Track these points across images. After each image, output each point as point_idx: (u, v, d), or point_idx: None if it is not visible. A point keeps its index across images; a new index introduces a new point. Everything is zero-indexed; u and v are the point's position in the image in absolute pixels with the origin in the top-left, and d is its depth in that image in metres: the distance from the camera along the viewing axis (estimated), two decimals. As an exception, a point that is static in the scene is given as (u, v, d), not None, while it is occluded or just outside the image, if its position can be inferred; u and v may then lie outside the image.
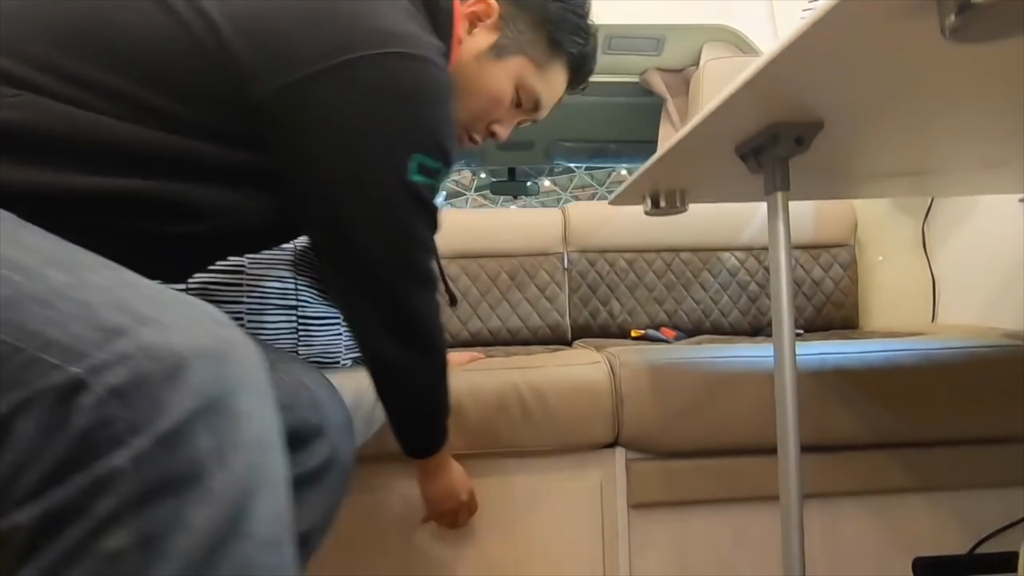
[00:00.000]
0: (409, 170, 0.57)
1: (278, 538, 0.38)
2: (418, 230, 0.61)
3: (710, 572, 0.97)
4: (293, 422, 0.51)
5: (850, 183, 0.94)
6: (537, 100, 0.75)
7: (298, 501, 0.50)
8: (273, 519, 0.37)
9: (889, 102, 0.55)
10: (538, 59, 0.73)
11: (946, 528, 1.00)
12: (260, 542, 0.36)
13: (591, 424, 0.93)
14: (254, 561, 0.36)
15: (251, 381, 0.39)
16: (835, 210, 1.54)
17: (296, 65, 0.53)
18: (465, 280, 1.46)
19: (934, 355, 0.98)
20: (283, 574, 0.38)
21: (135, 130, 0.50)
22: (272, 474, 0.39)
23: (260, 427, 0.38)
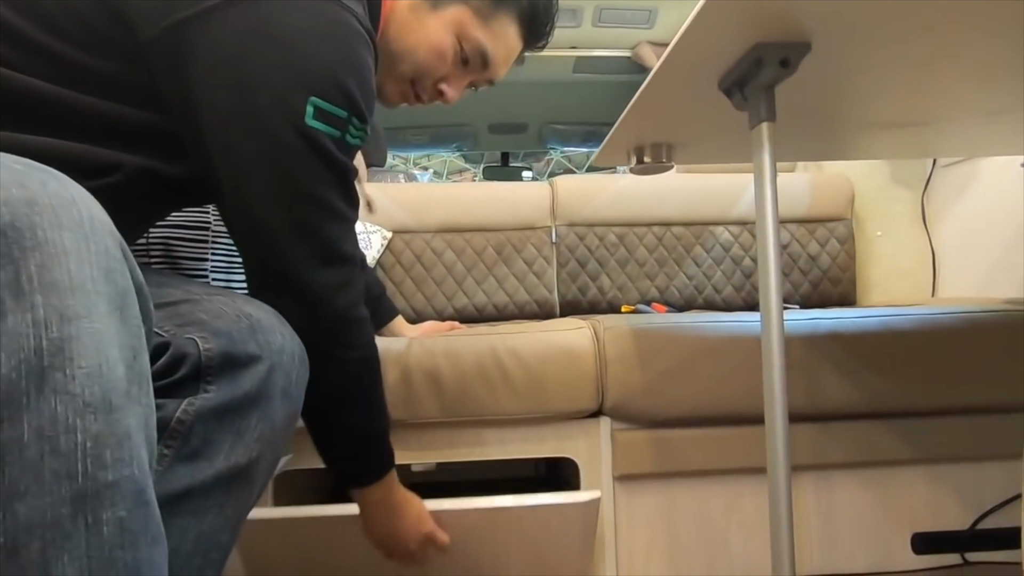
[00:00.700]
0: (305, 115, 0.52)
1: (106, 403, 0.32)
2: (318, 188, 0.55)
3: (699, 546, 0.93)
4: (227, 346, 0.47)
5: (843, 138, 0.90)
6: (484, 54, 0.69)
7: (235, 428, 0.47)
8: (98, 381, 0.32)
9: (882, 25, 0.51)
10: (480, 8, 0.67)
11: (946, 502, 0.95)
12: (79, 403, 0.31)
13: (574, 390, 0.89)
14: (68, 424, 0.31)
15: (75, 220, 0.34)
16: (832, 183, 1.50)
17: (176, 6, 0.50)
18: (450, 255, 1.42)
19: (932, 320, 0.94)
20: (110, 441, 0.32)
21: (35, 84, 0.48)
22: (98, 329, 0.33)
23: (80, 270, 0.33)
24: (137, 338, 0.36)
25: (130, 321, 0.36)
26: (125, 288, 0.36)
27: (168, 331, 0.47)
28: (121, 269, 0.36)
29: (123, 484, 0.32)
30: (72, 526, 0.30)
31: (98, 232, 0.35)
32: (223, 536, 0.47)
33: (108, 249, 0.35)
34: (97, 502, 0.31)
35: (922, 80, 0.66)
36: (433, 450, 0.91)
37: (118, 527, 0.32)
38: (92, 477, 0.31)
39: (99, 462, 0.31)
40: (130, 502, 0.32)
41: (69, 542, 0.30)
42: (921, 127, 0.84)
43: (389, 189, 1.46)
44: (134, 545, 0.32)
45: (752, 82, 0.58)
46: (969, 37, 0.55)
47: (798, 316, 0.97)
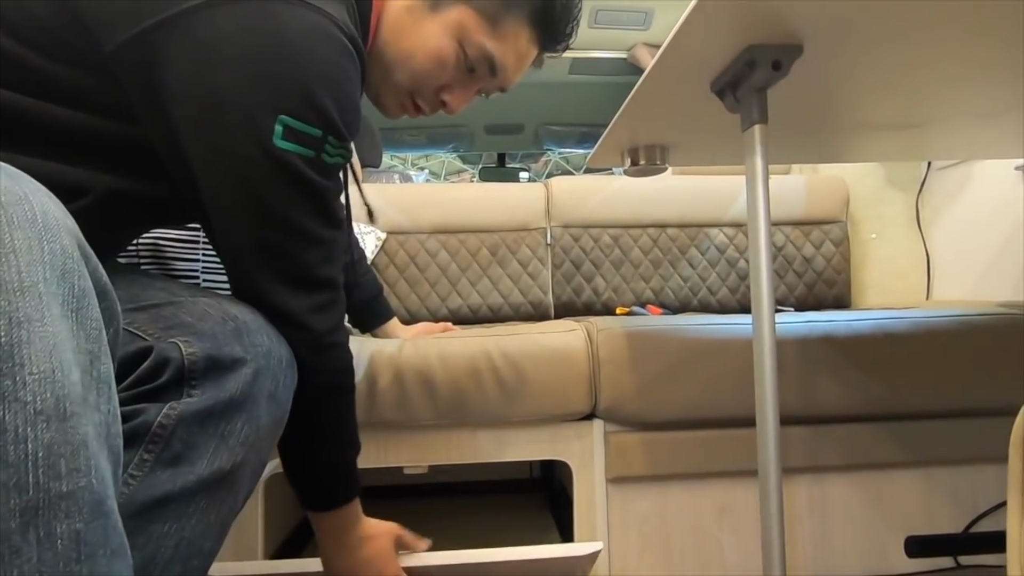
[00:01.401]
0: (273, 135, 0.48)
1: (60, 411, 0.30)
2: (289, 211, 0.51)
3: (692, 548, 0.92)
4: (212, 350, 0.46)
5: (837, 140, 0.90)
6: (491, 61, 0.62)
7: (219, 432, 0.46)
8: (50, 387, 0.30)
9: (873, 27, 0.51)
10: (486, 10, 0.60)
11: (939, 505, 0.95)
12: (29, 411, 0.29)
13: (568, 392, 0.88)
14: (17, 433, 0.29)
15: (26, 218, 0.32)
16: (827, 186, 1.50)
17: (138, 15, 0.46)
18: (445, 256, 1.42)
19: (926, 323, 0.94)
20: (64, 451, 0.30)
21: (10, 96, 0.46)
22: (51, 332, 0.31)
23: (31, 271, 0.31)
24: (96, 342, 0.34)
25: (87, 324, 0.34)
26: (83, 289, 0.34)
27: (152, 334, 0.46)
28: (79, 270, 0.34)
29: (79, 495, 0.31)
30: (22, 540, 0.29)
31: (52, 230, 0.33)
32: (205, 543, 0.46)
33: (64, 248, 0.33)
34: (50, 514, 0.30)
35: (915, 82, 0.66)
36: (426, 452, 0.90)
37: (74, 540, 0.30)
38: (44, 488, 0.29)
39: (52, 472, 0.30)
40: (87, 513, 0.31)
41: (19, 557, 0.29)
42: (915, 129, 0.84)
43: (384, 190, 1.45)
44: (91, 558, 0.31)
45: (744, 84, 0.57)
46: (961, 39, 0.55)
47: (792, 319, 0.96)
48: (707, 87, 0.63)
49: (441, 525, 1.16)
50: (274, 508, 0.97)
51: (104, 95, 0.50)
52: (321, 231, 0.54)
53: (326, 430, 0.61)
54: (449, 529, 1.15)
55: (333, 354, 0.59)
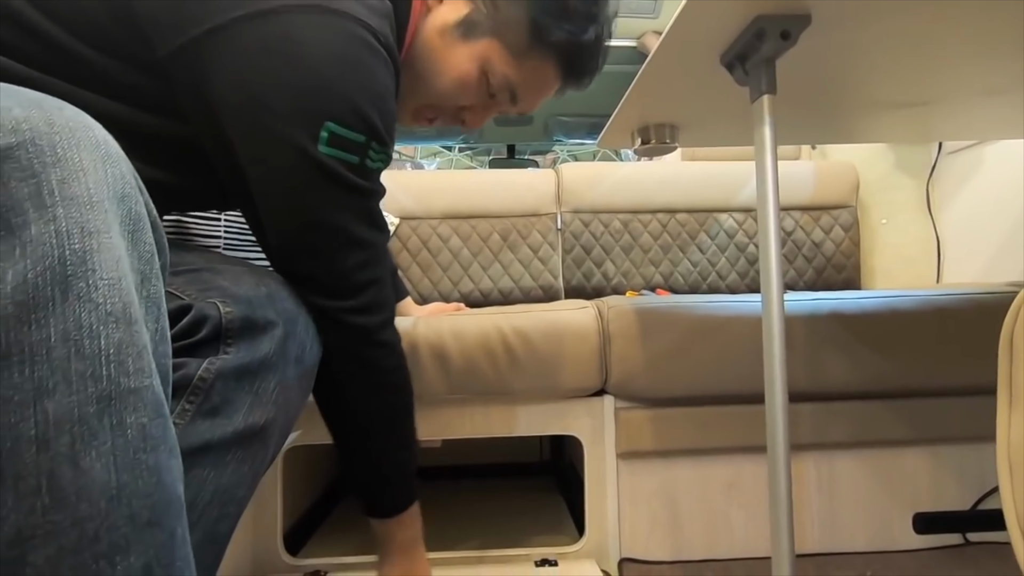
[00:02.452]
0: (318, 140, 0.50)
1: (127, 315, 0.33)
2: (332, 215, 0.53)
3: (701, 523, 0.94)
4: (247, 311, 0.49)
5: (845, 120, 0.90)
6: (512, 90, 0.66)
7: (254, 389, 0.49)
8: (118, 292, 0.33)
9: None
10: (512, 44, 0.64)
11: (947, 482, 0.96)
12: (101, 311, 0.32)
13: (578, 368, 0.90)
14: (92, 330, 0.31)
15: (92, 143, 0.34)
16: (836, 171, 1.50)
17: (191, 22, 0.49)
18: (456, 241, 1.44)
19: (935, 301, 0.95)
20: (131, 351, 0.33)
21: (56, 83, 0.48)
22: (115, 244, 0.33)
23: (98, 188, 0.33)
24: (148, 264, 0.37)
25: (141, 247, 0.36)
26: (139, 214, 0.36)
27: (190, 295, 0.49)
28: (135, 196, 0.36)
29: (144, 393, 0.33)
30: (99, 425, 0.31)
31: (114, 157, 0.35)
32: (239, 491, 0.49)
33: (123, 174, 0.36)
34: (122, 406, 0.32)
35: (923, 56, 0.67)
36: (439, 427, 0.92)
37: (141, 432, 0.33)
38: (116, 381, 0.32)
39: (122, 368, 0.32)
40: (151, 411, 0.33)
41: (96, 439, 0.31)
42: (923, 107, 0.85)
43: (395, 176, 1.47)
44: (155, 451, 0.33)
45: (753, 56, 0.59)
46: (969, 11, 0.56)
47: (800, 296, 0.97)
48: (716, 61, 0.64)
49: (453, 506, 1.19)
50: (292, 481, 0.99)
51: (153, 93, 0.52)
52: (364, 233, 0.56)
53: (375, 430, 0.63)
54: (461, 508, 1.17)
55: (387, 351, 0.61)
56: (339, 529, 1.08)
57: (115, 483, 0.31)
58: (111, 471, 0.31)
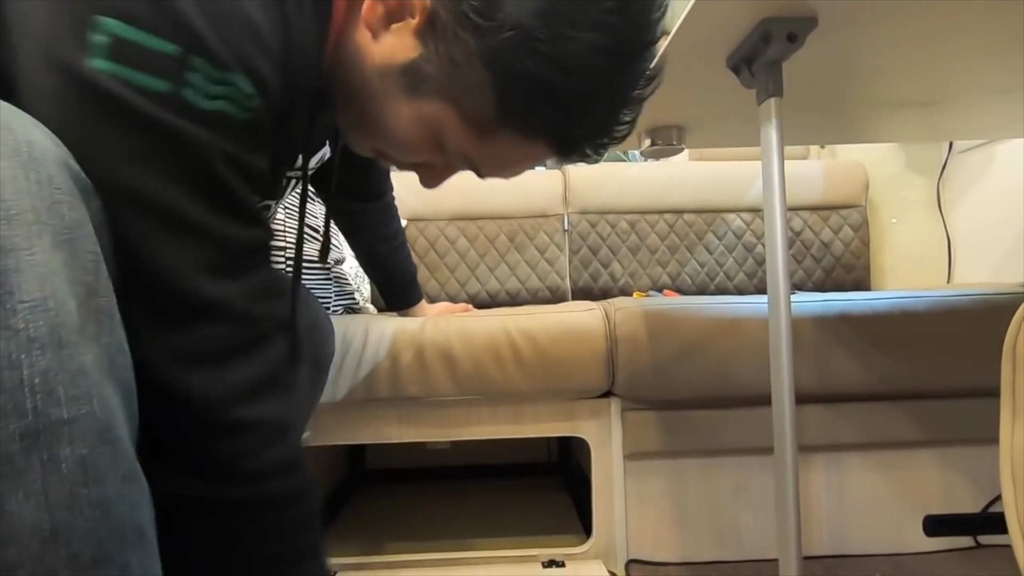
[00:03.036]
0: (88, 50, 0.33)
1: (55, 339, 0.29)
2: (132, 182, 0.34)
3: (708, 525, 0.94)
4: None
5: (853, 119, 0.90)
6: (475, 166, 0.47)
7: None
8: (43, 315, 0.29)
9: None
10: (473, 119, 0.43)
11: (958, 484, 0.95)
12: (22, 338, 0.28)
13: (585, 370, 0.90)
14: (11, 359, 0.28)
15: (10, 148, 0.29)
16: (846, 170, 1.49)
17: None
18: (463, 242, 1.44)
19: (945, 302, 0.94)
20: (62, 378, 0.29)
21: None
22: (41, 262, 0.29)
23: (17, 200, 0.29)
24: (92, 274, 0.32)
25: (82, 256, 0.32)
26: (75, 220, 0.31)
27: None
28: (69, 200, 0.31)
29: (82, 421, 0.30)
30: (26, 463, 0.28)
31: (39, 160, 0.31)
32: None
33: (51, 179, 0.31)
34: (53, 439, 0.29)
35: (930, 56, 0.66)
36: (447, 428, 0.93)
37: (79, 464, 0.30)
38: (43, 414, 0.29)
39: (51, 399, 0.29)
40: (92, 439, 0.30)
41: (24, 478, 0.28)
42: (932, 107, 0.84)
43: (402, 177, 1.47)
44: (99, 482, 0.30)
45: (760, 58, 0.58)
46: (977, 11, 0.55)
47: (809, 298, 0.97)
48: (723, 64, 0.64)
49: (462, 506, 1.19)
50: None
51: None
52: (200, 214, 0.36)
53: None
54: (469, 509, 1.18)
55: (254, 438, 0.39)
56: (347, 529, 1.09)
57: (48, 524, 0.29)
58: (43, 511, 0.29)
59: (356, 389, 0.88)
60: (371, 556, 0.93)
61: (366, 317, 0.99)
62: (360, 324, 0.91)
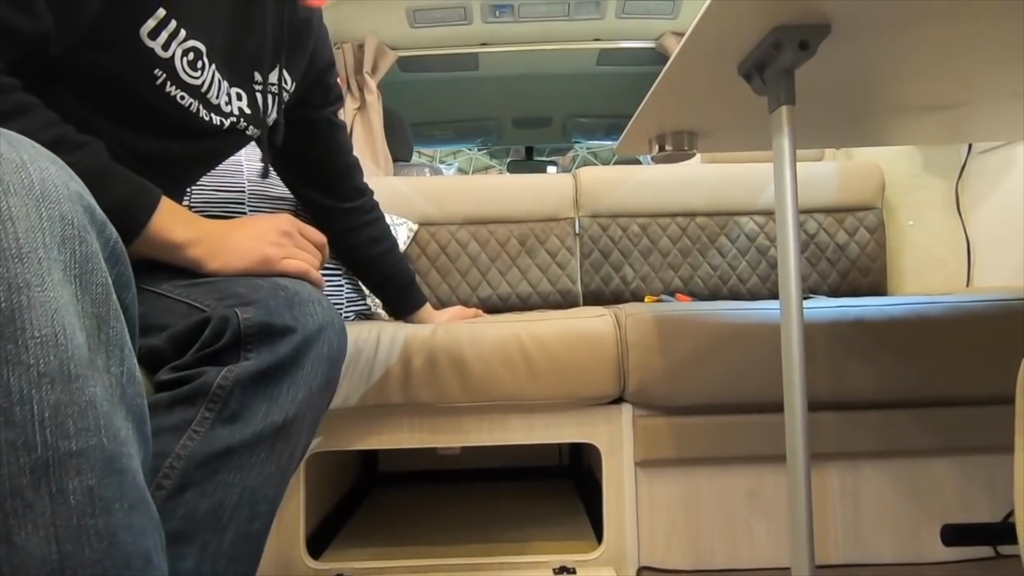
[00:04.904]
0: None
1: (64, 373, 0.30)
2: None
3: (721, 532, 0.93)
4: (264, 316, 0.49)
5: (869, 123, 0.88)
6: None
7: (269, 393, 0.49)
8: (53, 350, 0.30)
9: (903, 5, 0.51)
10: None
11: (977, 493, 0.94)
12: (33, 373, 0.30)
13: (596, 376, 0.90)
14: (22, 395, 0.29)
15: (24, 185, 0.31)
16: (861, 171, 1.47)
17: None
18: (475, 246, 1.45)
19: (964, 308, 0.92)
20: (71, 411, 0.31)
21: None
22: (52, 297, 0.31)
23: (29, 237, 0.30)
24: (103, 306, 0.34)
25: (92, 289, 0.34)
26: (85, 255, 0.34)
27: (208, 304, 0.50)
28: (80, 235, 0.34)
29: (90, 453, 0.31)
30: (35, 496, 0.29)
31: (50, 197, 0.32)
32: (269, 490, 0.50)
33: (63, 215, 0.33)
34: (61, 471, 0.30)
35: (948, 61, 0.65)
36: (459, 434, 0.93)
37: (87, 495, 0.31)
38: (53, 447, 0.30)
39: (60, 431, 0.30)
40: (99, 470, 0.31)
41: (32, 511, 0.29)
42: (951, 110, 0.82)
43: (415, 182, 1.49)
44: (107, 512, 0.31)
45: (771, 66, 0.58)
46: (997, 15, 0.54)
47: (823, 303, 0.96)
48: (734, 70, 0.63)
49: (473, 509, 1.20)
50: (314, 485, 1.01)
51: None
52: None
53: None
54: (480, 513, 1.18)
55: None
56: (361, 533, 1.09)
57: (56, 555, 0.29)
58: (51, 543, 0.29)
59: (368, 395, 0.89)
60: (382, 561, 0.93)
61: (378, 323, 0.99)
62: (372, 330, 0.91)
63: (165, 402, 0.47)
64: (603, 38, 1.76)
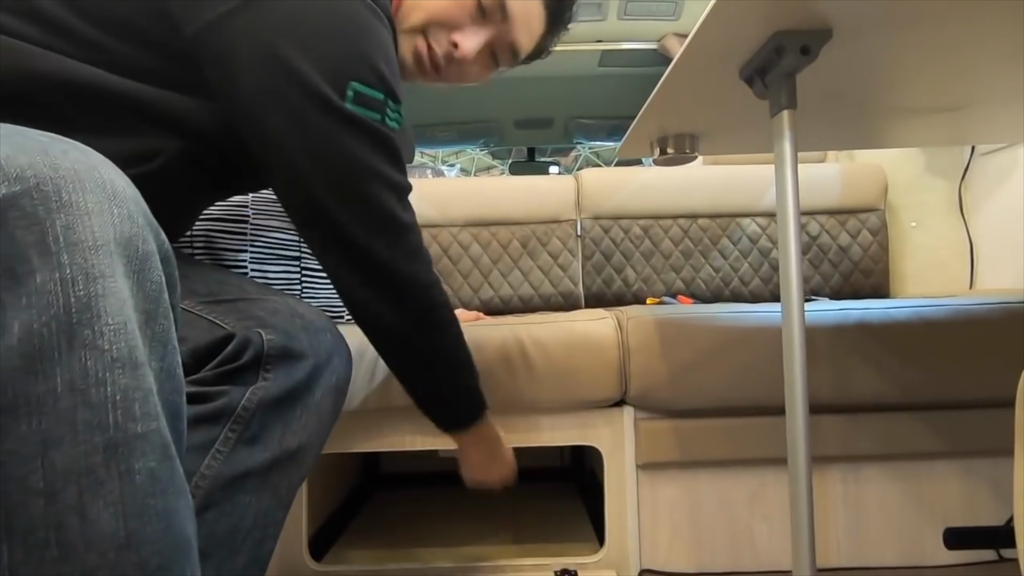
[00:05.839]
0: (346, 99, 0.53)
1: (132, 359, 0.33)
2: (367, 160, 0.56)
3: (723, 535, 0.93)
4: (285, 340, 0.51)
5: (872, 125, 0.88)
6: (503, 6, 0.68)
7: (284, 418, 0.51)
8: (124, 337, 0.33)
9: (906, 9, 0.51)
10: None
11: (980, 496, 0.94)
12: (107, 358, 0.32)
13: (598, 379, 0.90)
14: (98, 377, 0.31)
15: (97, 184, 0.34)
16: (864, 173, 1.47)
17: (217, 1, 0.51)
18: (476, 248, 1.45)
19: (967, 311, 0.92)
20: (137, 396, 0.33)
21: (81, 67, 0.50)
22: (120, 287, 0.33)
23: (103, 231, 0.33)
24: (154, 302, 0.36)
25: (147, 286, 0.36)
26: (146, 253, 0.36)
27: (229, 324, 0.51)
28: (142, 235, 0.36)
29: (151, 436, 0.33)
30: (106, 474, 0.31)
31: (120, 197, 0.35)
32: (278, 513, 0.51)
33: (130, 214, 0.35)
34: (129, 452, 0.32)
35: (950, 63, 0.65)
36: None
37: (150, 477, 0.33)
38: (122, 428, 0.32)
39: (128, 414, 0.32)
40: (159, 454, 0.34)
41: (103, 488, 0.31)
42: (954, 112, 0.82)
43: (417, 184, 1.48)
44: (164, 494, 0.33)
45: (773, 71, 0.58)
46: (999, 17, 0.54)
47: (825, 306, 0.96)
48: (736, 74, 0.63)
49: (474, 510, 1.20)
50: (317, 488, 1.02)
51: (180, 73, 0.54)
52: (397, 177, 0.58)
53: (450, 364, 0.66)
54: (482, 514, 1.18)
55: (431, 293, 0.62)
56: (363, 535, 1.10)
57: (123, 531, 0.31)
58: (119, 519, 0.31)
59: (370, 398, 0.89)
60: (384, 563, 0.93)
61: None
62: (373, 333, 0.92)
63: (189, 418, 0.48)
64: (605, 39, 1.76)
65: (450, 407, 0.70)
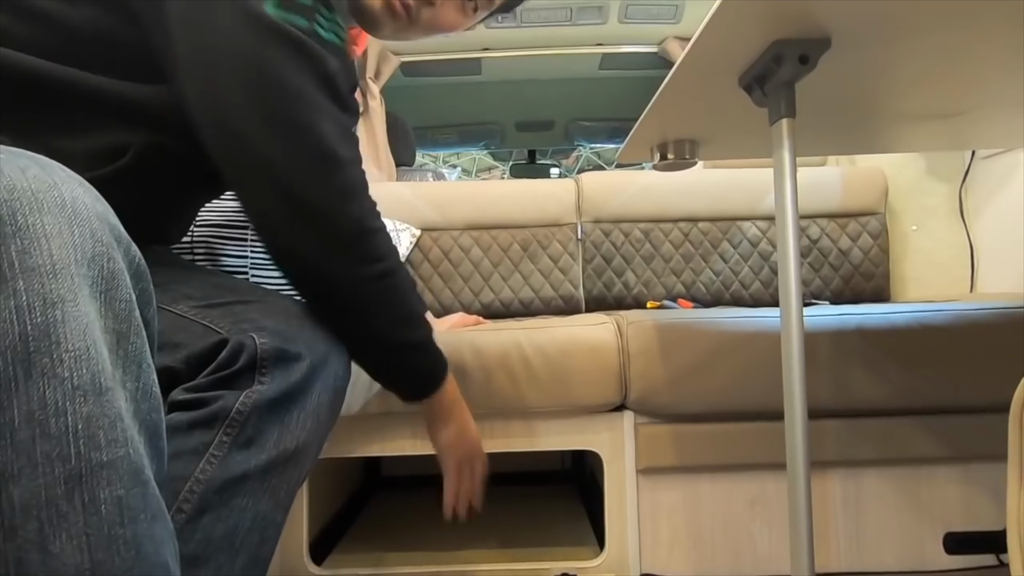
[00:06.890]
0: (264, 2, 0.48)
1: (96, 386, 0.32)
2: (293, 78, 0.49)
3: (723, 540, 0.93)
4: (280, 343, 0.51)
5: (872, 131, 0.89)
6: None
7: (281, 419, 0.50)
8: (86, 364, 0.31)
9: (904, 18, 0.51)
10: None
11: (980, 501, 0.94)
12: (68, 386, 0.31)
13: (598, 383, 0.90)
14: (58, 407, 0.30)
15: (56, 204, 0.32)
16: (864, 177, 1.47)
17: None
18: (477, 251, 1.45)
19: (967, 316, 0.92)
20: (102, 423, 0.32)
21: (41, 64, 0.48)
22: (83, 312, 0.32)
23: (63, 254, 0.32)
24: (124, 322, 0.35)
25: (115, 305, 0.35)
26: (112, 272, 0.35)
27: (224, 328, 0.51)
28: (108, 253, 0.35)
29: (119, 464, 0.32)
30: (68, 506, 0.30)
31: (82, 215, 0.34)
32: (277, 516, 0.51)
33: (93, 232, 0.34)
34: (94, 482, 0.31)
35: (950, 70, 0.65)
36: (460, 441, 0.93)
37: (116, 505, 0.32)
38: (85, 458, 0.31)
39: (92, 443, 0.31)
40: (127, 480, 0.32)
41: (66, 521, 0.30)
42: (954, 118, 0.82)
43: (417, 187, 1.49)
44: (133, 522, 0.32)
45: (772, 79, 0.58)
46: (999, 23, 0.54)
47: (825, 311, 0.96)
48: (735, 82, 0.64)
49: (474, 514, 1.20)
50: (317, 491, 1.02)
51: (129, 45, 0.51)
52: (331, 105, 0.52)
53: (402, 315, 0.60)
54: (482, 518, 1.18)
55: (380, 237, 0.57)
56: (363, 538, 1.10)
57: (88, 563, 0.30)
58: (84, 552, 0.30)
59: (371, 403, 0.90)
60: (384, 567, 0.94)
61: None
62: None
63: (184, 424, 0.48)
64: (605, 42, 1.76)
65: (404, 371, 0.64)
